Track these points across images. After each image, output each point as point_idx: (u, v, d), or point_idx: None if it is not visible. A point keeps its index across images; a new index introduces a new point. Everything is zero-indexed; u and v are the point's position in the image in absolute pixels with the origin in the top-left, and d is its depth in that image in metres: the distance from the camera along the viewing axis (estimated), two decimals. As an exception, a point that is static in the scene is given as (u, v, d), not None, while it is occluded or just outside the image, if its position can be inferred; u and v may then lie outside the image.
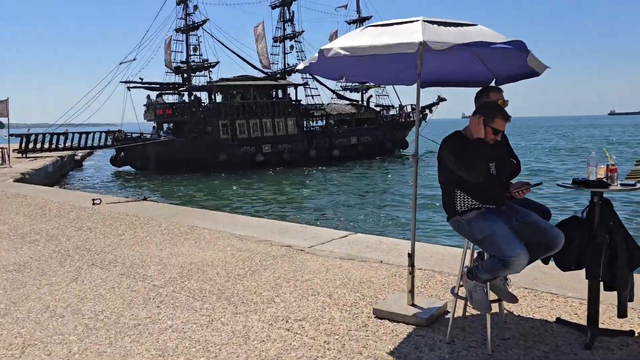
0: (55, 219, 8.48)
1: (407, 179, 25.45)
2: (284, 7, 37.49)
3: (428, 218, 15.45)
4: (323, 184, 24.51)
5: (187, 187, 24.30)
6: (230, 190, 22.93)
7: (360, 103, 41.89)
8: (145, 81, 32.32)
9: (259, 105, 33.57)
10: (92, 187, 24.77)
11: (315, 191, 21.82)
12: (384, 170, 29.94)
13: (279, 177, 27.55)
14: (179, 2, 33.95)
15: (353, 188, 22.46)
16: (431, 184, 24.50)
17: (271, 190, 22.40)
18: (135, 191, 22.96)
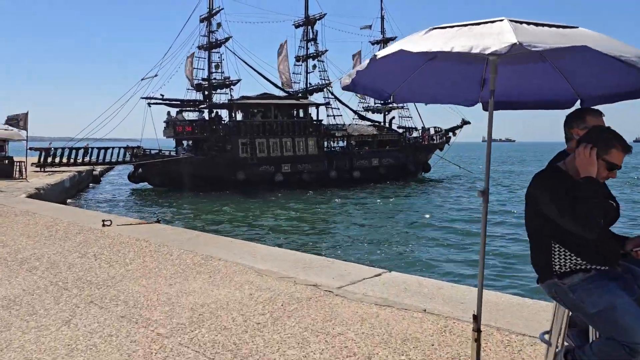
0: (60, 242, 7.84)
1: (433, 206, 24.54)
2: (307, 26, 37.21)
3: (444, 248, 14.56)
4: (345, 208, 23.61)
5: (204, 207, 23.68)
6: (248, 211, 22.25)
7: (382, 124, 41.22)
8: (165, 97, 32.09)
9: (279, 124, 33.08)
10: (107, 203, 24.34)
11: (337, 216, 20.94)
12: (407, 194, 29.02)
13: (299, 199, 26.80)
14: (202, 20, 33.86)
15: (377, 214, 21.57)
16: (450, 208, 23.64)
17: (291, 213, 21.61)
18: (150, 210, 22.38)
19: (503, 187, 34.73)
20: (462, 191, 31.40)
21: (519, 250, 13.54)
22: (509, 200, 26.61)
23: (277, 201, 25.84)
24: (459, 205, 24.49)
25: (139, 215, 20.07)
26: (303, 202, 25.55)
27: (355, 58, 40.64)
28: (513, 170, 54.61)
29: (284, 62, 36.62)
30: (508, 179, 41.50)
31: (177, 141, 33.74)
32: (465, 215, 21.20)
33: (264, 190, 29.95)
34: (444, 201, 26.21)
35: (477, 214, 21.36)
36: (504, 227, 18.04)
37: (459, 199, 27.16)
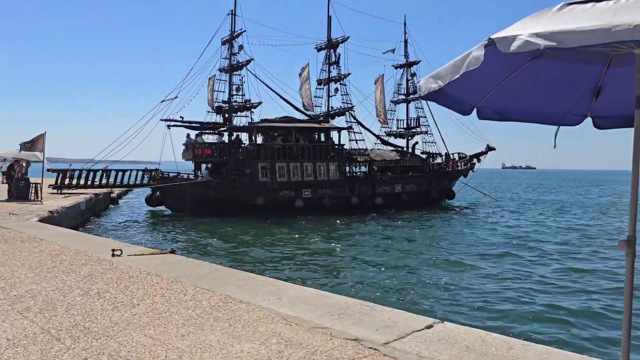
0: (62, 275, 7.01)
1: (463, 236, 23.32)
2: (329, 49, 36.73)
3: (494, 286, 13.41)
4: (372, 237, 22.41)
5: (222, 233, 22.84)
6: (268, 239, 21.30)
7: (405, 149, 40.29)
8: (185, 120, 31.67)
9: (300, 148, 32.36)
10: (122, 227, 23.59)
11: (364, 246, 19.61)
12: (434, 223, 27.81)
13: (321, 226, 25.74)
14: (224, 42, 33.57)
15: (408, 245, 20.32)
16: (487, 239, 22.32)
17: (313, 243, 20.51)
18: (166, 236, 21.53)
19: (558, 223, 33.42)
20: (495, 219, 30.16)
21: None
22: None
23: (298, 228, 24.89)
24: (497, 237, 23.31)
25: (153, 242, 19.30)
26: (326, 230, 24.56)
27: (377, 83, 39.97)
28: (548, 199, 52.99)
29: (306, 85, 36.08)
30: (555, 209, 40.06)
31: (196, 164, 33.17)
32: (509, 247, 19.99)
33: (284, 216, 29.09)
34: (479, 231, 25.03)
35: (521, 246, 20.20)
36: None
37: (493, 229, 25.93)
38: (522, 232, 24.50)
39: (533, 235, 23.66)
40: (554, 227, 26.81)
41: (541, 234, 24.24)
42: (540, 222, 29.16)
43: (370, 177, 35.06)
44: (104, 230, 22.51)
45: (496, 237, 22.70)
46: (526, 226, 27.22)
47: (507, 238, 22.52)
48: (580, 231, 25.29)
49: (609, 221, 30.43)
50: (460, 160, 41.49)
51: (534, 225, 27.55)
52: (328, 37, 36.76)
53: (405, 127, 41.30)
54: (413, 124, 41.03)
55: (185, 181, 30.18)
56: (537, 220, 30.54)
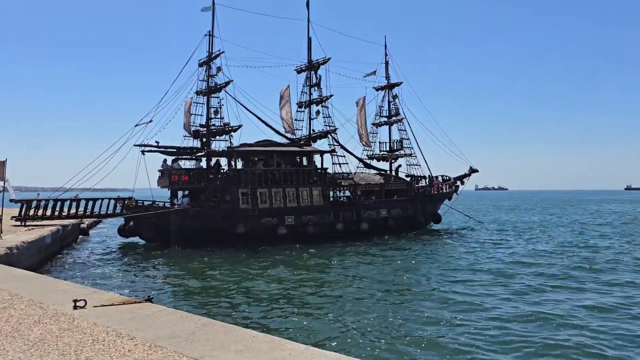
0: (4, 342, 5.40)
1: (464, 268, 22.01)
2: (310, 71, 35.58)
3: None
4: (362, 269, 20.79)
5: (202, 268, 21.00)
6: (255, 274, 19.55)
7: (389, 173, 39.13)
8: (161, 145, 29.92)
9: (282, 173, 30.90)
10: (90, 264, 21.48)
11: (362, 281, 17.68)
12: (424, 251, 26.45)
13: (309, 257, 23.98)
14: (201, 64, 32.15)
15: (405, 280, 18.94)
16: (467, 260, 20.80)
17: (306, 278, 18.63)
18: (139, 273, 19.36)
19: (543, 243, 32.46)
20: (489, 245, 29.01)
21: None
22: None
23: (286, 259, 23.16)
24: (465, 254, 22.13)
25: (126, 282, 17.37)
26: (315, 261, 22.98)
27: (359, 105, 38.96)
28: (528, 220, 52.29)
29: (286, 108, 34.81)
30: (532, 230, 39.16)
31: (173, 191, 31.41)
32: (469, 262, 18.79)
33: (266, 245, 27.48)
34: (478, 259, 23.77)
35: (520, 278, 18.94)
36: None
37: (491, 257, 24.72)
38: (519, 258, 23.35)
39: (535, 266, 22.53)
40: (546, 252, 25.76)
41: (545, 265, 23.14)
42: (536, 249, 28.14)
43: (354, 202, 33.72)
44: (70, 267, 20.52)
45: (498, 265, 21.50)
46: (522, 253, 26.11)
47: (505, 267, 21.34)
48: (576, 254, 24.29)
49: (598, 242, 29.54)
50: (445, 183, 40.56)
51: (531, 255, 26.47)
52: (308, 58, 35.69)
53: (388, 150, 40.21)
54: (396, 147, 39.99)
55: (160, 210, 28.39)
56: (533, 248, 29.53)
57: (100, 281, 17.26)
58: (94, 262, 22.06)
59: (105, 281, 17.38)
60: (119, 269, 20.49)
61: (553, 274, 19.15)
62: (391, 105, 40.24)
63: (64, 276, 18.39)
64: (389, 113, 40.35)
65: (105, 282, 17.20)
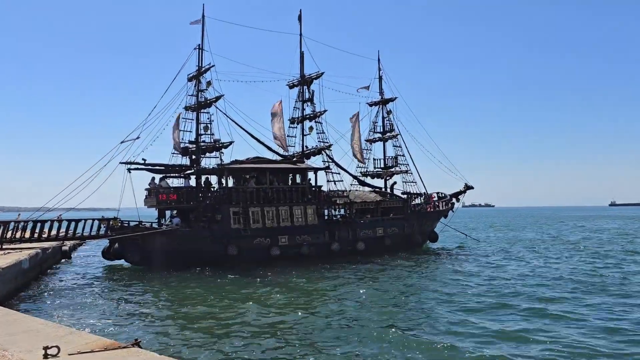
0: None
1: (471, 293, 20.75)
2: (303, 86, 34.55)
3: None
4: (365, 295, 19.38)
5: (195, 295, 19.52)
6: (252, 302, 18.09)
7: (384, 190, 38.03)
8: (148, 162, 28.53)
9: (275, 191, 29.65)
10: (70, 293, 19.80)
11: (371, 309, 16.47)
12: (424, 272, 25.22)
13: (305, 280, 22.61)
14: (190, 79, 30.96)
15: (407, 308, 17.69)
16: (466, 285, 19.47)
17: (308, 306, 17.18)
18: (124, 303, 17.77)
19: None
20: (492, 266, 27.86)
21: None
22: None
23: (281, 283, 21.72)
24: (505, 288, 20.98)
25: (109, 316, 15.77)
26: (313, 286, 21.59)
27: (352, 121, 37.96)
28: (524, 237, 51.31)
29: (279, 123, 33.66)
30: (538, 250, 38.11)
31: (160, 211, 29.96)
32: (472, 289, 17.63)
33: (259, 267, 26.07)
34: (487, 281, 22.61)
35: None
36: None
37: (493, 276, 23.60)
38: (525, 282, 22.22)
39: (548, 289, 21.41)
40: (551, 273, 24.68)
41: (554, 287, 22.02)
42: (542, 267, 27.06)
43: (350, 221, 32.49)
44: (48, 296, 18.89)
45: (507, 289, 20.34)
46: (528, 274, 25.00)
47: (513, 291, 20.20)
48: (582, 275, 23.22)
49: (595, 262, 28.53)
50: (440, 201, 39.53)
51: (537, 276, 25.37)
52: (301, 73, 34.69)
53: (383, 167, 39.16)
54: (391, 163, 38.95)
55: (147, 230, 26.93)
56: (537, 265, 28.46)
57: (80, 314, 15.74)
58: (74, 290, 20.46)
59: (86, 313, 15.88)
60: (101, 297, 18.93)
61: (560, 297, 18.04)
62: (385, 121, 39.32)
63: (40, 306, 16.91)
64: (383, 129, 39.40)
65: (86, 314, 15.69)
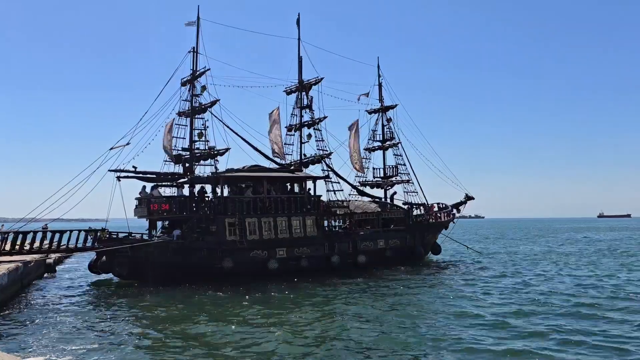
0: None
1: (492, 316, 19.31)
2: (301, 92, 33.23)
3: None
4: (373, 315, 18.06)
5: (188, 313, 17.96)
6: (253, 323, 16.67)
7: (384, 200, 36.68)
8: (138, 170, 26.96)
9: (272, 201, 28.17)
10: (53, 312, 18.23)
11: (387, 337, 14.72)
12: (432, 289, 23.84)
13: (310, 299, 20.93)
14: (184, 83, 29.50)
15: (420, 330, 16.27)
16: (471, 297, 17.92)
17: (314, 330, 15.79)
18: (111, 327, 15.91)
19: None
20: (500, 280, 26.53)
21: None
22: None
23: (282, 302, 20.18)
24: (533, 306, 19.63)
25: (93, 336, 14.13)
26: (316, 304, 20.13)
27: (351, 129, 36.67)
28: (523, 250, 50.11)
29: (276, 131, 32.27)
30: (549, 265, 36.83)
31: (151, 222, 28.36)
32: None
33: (256, 281, 24.54)
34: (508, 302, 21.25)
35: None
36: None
37: (507, 293, 22.26)
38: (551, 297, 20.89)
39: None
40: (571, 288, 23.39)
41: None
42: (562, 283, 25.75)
43: (351, 233, 31.06)
44: (27, 315, 17.20)
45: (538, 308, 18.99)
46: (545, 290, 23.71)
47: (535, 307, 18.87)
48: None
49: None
50: (442, 211, 38.24)
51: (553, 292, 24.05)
52: (299, 78, 33.38)
53: (383, 176, 37.86)
54: (391, 173, 37.66)
55: (137, 242, 25.31)
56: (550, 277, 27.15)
57: (61, 336, 14.13)
58: (57, 308, 18.74)
59: (67, 336, 14.28)
60: (85, 316, 17.28)
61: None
62: (385, 129, 38.07)
63: (16, 328, 15.27)
64: (382, 137, 38.14)
65: (67, 338, 14.08)
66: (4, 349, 12.70)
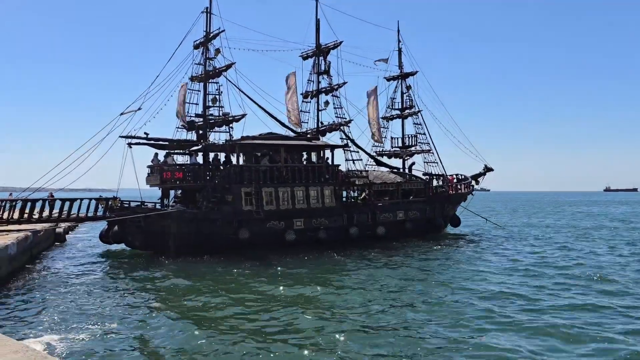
0: None
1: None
2: (319, 56, 31.69)
3: None
4: (399, 289, 17.06)
5: (201, 288, 16.91)
6: (270, 295, 15.72)
7: (402, 170, 35.39)
8: (151, 137, 25.79)
9: (289, 170, 26.99)
10: (63, 283, 17.27)
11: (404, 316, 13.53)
12: (460, 263, 22.83)
13: (332, 273, 19.91)
14: (197, 46, 28.03)
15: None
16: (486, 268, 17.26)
17: (342, 310, 14.65)
18: (123, 297, 15.09)
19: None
20: (527, 252, 25.45)
21: None
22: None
23: (298, 275, 19.18)
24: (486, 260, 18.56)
25: (104, 311, 13.13)
26: (337, 277, 19.15)
27: (370, 96, 35.19)
28: (539, 224, 48.94)
29: (293, 97, 30.87)
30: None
31: (164, 191, 27.30)
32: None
33: (273, 253, 23.58)
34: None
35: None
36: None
37: (483, 255, 21.21)
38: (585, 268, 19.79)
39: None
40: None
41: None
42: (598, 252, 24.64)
43: (370, 204, 29.92)
44: (37, 286, 16.28)
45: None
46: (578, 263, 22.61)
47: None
48: None
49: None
50: (460, 183, 36.95)
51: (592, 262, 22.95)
52: (317, 42, 31.81)
53: (401, 146, 36.50)
54: (410, 142, 36.27)
55: (152, 212, 24.30)
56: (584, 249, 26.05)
57: (71, 313, 13.14)
58: (67, 281, 17.74)
59: (78, 311, 13.32)
60: (97, 290, 16.32)
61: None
62: (404, 97, 36.54)
63: (24, 302, 14.34)
64: (402, 105, 36.64)
65: (78, 313, 13.12)
66: (11, 326, 11.79)
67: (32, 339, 10.56)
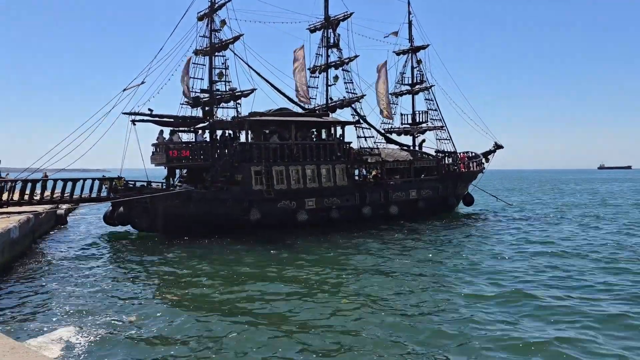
0: None
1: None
2: (327, 29, 30.31)
3: None
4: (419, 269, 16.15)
5: (212, 272, 15.92)
6: (288, 281, 14.77)
7: (413, 148, 34.30)
8: (155, 113, 24.56)
9: (300, 148, 25.88)
10: (66, 268, 16.23)
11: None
12: (475, 241, 21.92)
13: (349, 255, 18.94)
14: (201, 17, 26.65)
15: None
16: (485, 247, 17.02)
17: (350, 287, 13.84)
18: (129, 283, 14.21)
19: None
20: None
21: None
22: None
23: (322, 258, 18.15)
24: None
25: (107, 300, 12.11)
26: (354, 259, 18.19)
27: (379, 71, 33.92)
28: (550, 201, 48.15)
29: (301, 72, 29.62)
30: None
31: (170, 170, 26.15)
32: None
33: (285, 234, 22.63)
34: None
35: None
36: None
37: (490, 233, 20.33)
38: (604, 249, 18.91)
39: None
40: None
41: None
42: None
43: (382, 182, 28.89)
44: (38, 272, 15.24)
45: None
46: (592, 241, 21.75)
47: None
48: None
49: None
50: (471, 160, 35.91)
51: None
52: (325, 14, 30.41)
53: (411, 123, 35.35)
54: (421, 119, 35.12)
55: (158, 192, 23.21)
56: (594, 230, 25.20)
57: (73, 302, 12.12)
58: (69, 265, 16.65)
59: (81, 300, 12.32)
60: (100, 275, 15.29)
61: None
62: (415, 72, 35.29)
63: (25, 289, 13.33)
64: (412, 80, 35.41)
65: (81, 302, 12.13)
66: (13, 320, 10.81)
67: (35, 336, 9.64)
